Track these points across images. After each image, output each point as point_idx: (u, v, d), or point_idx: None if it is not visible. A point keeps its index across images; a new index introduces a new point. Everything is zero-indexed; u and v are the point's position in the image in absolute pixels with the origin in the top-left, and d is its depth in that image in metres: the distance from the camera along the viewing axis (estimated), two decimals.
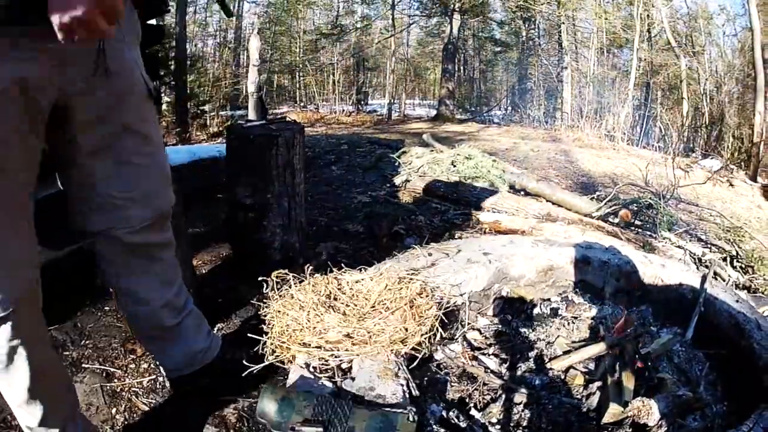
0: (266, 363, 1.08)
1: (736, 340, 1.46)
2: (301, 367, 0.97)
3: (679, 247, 3.00)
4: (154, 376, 1.71)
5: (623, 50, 15.32)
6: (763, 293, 2.72)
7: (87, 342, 1.88)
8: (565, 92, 13.87)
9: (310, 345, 1.01)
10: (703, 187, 4.58)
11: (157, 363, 1.70)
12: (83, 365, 1.74)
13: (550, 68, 15.38)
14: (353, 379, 0.93)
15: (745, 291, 2.76)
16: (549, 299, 1.50)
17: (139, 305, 1.36)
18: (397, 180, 4.75)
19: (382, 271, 1.24)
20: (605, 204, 3.74)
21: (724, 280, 2.69)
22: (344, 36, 17.19)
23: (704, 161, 7.52)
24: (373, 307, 1.11)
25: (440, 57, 17.05)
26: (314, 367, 0.98)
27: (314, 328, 1.05)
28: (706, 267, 2.85)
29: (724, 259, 2.99)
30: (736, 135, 10.46)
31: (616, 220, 3.61)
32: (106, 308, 2.09)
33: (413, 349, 1.04)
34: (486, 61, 19.93)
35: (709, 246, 3.26)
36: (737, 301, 1.62)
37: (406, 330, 1.04)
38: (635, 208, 3.75)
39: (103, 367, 1.75)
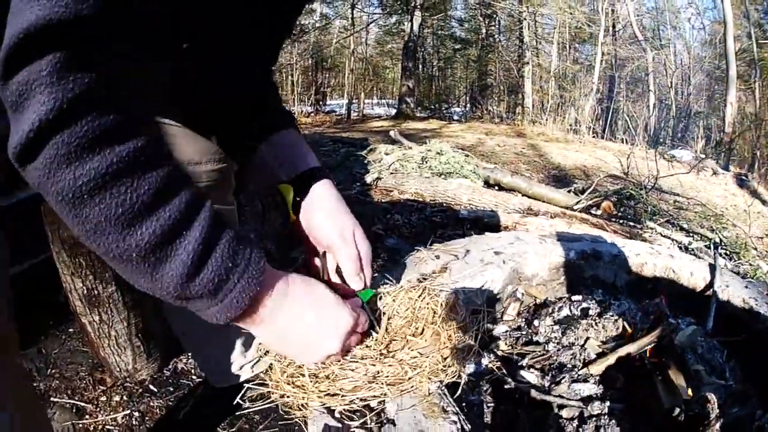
0: (268, 404, 0.78)
1: (751, 324, 1.43)
2: (321, 412, 0.74)
3: (665, 236, 2.98)
4: (128, 411, 1.57)
5: (585, 45, 15.59)
6: (751, 278, 2.73)
7: (54, 371, 1.73)
8: (526, 87, 14.00)
9: (324, 395, 0.75)
10: (680, 176, 4.63)
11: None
12: (52, 399, 1.60)
13: (511, 64, 15.50)
14: (394, 423, 0.74)
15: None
16: (579, 299, 1.39)
17: None
18: (368, 178, 4.60)
19: (402, 284, 1.02)
20: (586, 196, 3.70)
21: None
22: (303, 36, 16.90)
23: (673, 152, 7.68)
24: (393, 329, 0.88)
25: (399, 56, 16.99)
26: (340, 413, 0.75)
27: (323, 374, 0.77)
28: (695, 255, 2.84)
29: (708, 247, 2.99)
30: (706, 126, 10.80)
31: (598, 212, 3.58)
32: (70, 330, 1.93)
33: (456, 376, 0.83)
34: (445, 59, 19.96)
35: (692, 234, 3.25)
36: (746, 287, 1.60)
37: (445, 358, 0.83)
38: (615, 199, 3.72)
39: (72, 401, 1.59)
